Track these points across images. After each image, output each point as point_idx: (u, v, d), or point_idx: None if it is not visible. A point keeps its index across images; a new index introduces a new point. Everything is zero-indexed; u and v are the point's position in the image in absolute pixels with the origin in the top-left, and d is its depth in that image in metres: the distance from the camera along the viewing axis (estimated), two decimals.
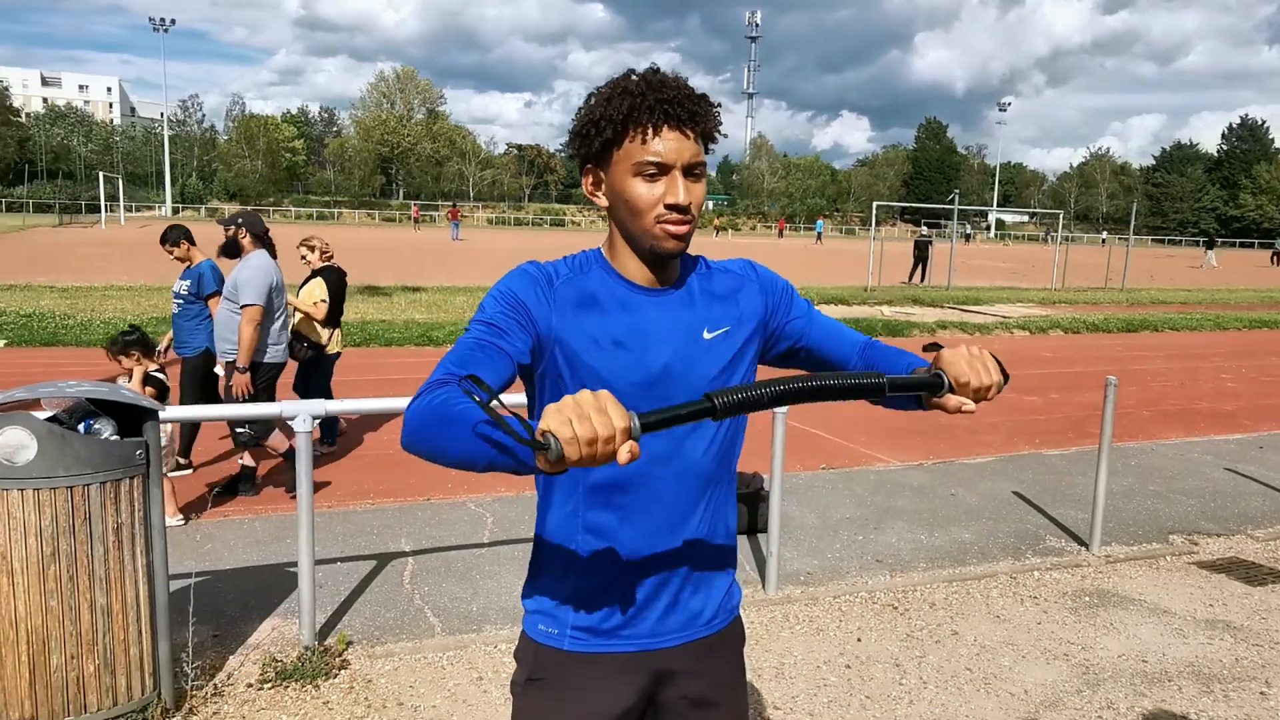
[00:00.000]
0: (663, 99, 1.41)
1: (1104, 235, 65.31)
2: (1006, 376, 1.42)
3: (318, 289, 6.54)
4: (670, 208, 1.43)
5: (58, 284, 16.61)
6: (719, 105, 1.49)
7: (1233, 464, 7.27)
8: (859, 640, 4.09)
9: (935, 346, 1.45)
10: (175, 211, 71.97)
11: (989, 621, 4.32)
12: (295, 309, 6.46)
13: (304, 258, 6.75)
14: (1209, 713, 3.53)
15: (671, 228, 1.44)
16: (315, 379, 6.66)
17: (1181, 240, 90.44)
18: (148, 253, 27.97)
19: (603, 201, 1.51)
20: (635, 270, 1.52)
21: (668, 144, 1.41)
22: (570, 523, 1.54)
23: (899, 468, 6.95)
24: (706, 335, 1.53)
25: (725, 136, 1.52)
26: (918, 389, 1.36)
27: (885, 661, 3.89)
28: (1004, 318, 17.61)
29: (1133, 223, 31.60)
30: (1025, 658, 3.96)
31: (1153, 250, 69.64)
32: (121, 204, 57.07)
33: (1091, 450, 5.66)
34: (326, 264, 6.70)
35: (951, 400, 1.36)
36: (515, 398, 1.78)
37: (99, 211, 51.75)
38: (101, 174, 53.05)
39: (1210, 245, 46.52)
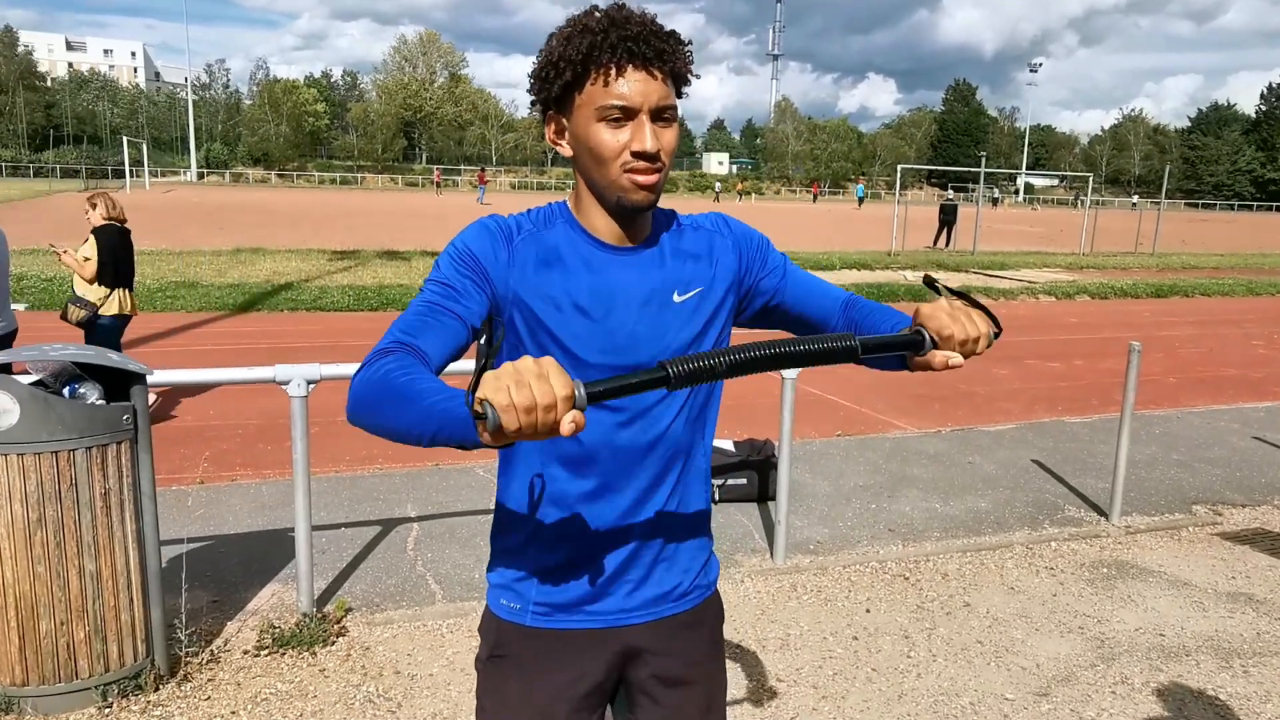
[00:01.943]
0: (626, 36, 1.28)
1: (1135, 199, 64.05)
2: (999, 327, 1.30)
3: (87, 247, 6.50)
4: (637, 155, 1.31)
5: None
6: (689, 43, 1.36)
7: (1260, 432, 7.09)
8: (868, 611, 4.00)
9: (932, 281, 1.34)
10: (200, 176, 72.32)
11: (1002, 593, 4.22)
12: (74, 271, 6.49)
13: (86, 214, 6.72)
14: (1227, 688, 3.42)
15: (639, 178, 1.32)
16: (98, 343, 6.41)
17: (1216, 204, 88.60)
18: (172, 218, 28.12)
19: (566, 151, 1.39)
20: (602, 226, 1.41)
21: (632, 85, 1.30)
22: (532, 493, 1.45)
23: (916, 435, 6.83)
24: (677, 298, 1.42)
25: (698, 77, 1.39)
26: (895, 349, 1.24)
27: (894, 633, 3.80)
28: (1029, 283, 17.31)
29: (1164, 185, 30.97)
30: (1039, 630, 3.85)
31: (1186, 214, 68.34)
32: (146, 169, 57.32)
33: (1115, 418, 5.51)
34: (106, 223, 6.62)
35: (937, 356, 1.24)
36: (468, 364, 1.68)
37: (124, 177, 52.00)
38: (126, 139, 53.22)
39: None
